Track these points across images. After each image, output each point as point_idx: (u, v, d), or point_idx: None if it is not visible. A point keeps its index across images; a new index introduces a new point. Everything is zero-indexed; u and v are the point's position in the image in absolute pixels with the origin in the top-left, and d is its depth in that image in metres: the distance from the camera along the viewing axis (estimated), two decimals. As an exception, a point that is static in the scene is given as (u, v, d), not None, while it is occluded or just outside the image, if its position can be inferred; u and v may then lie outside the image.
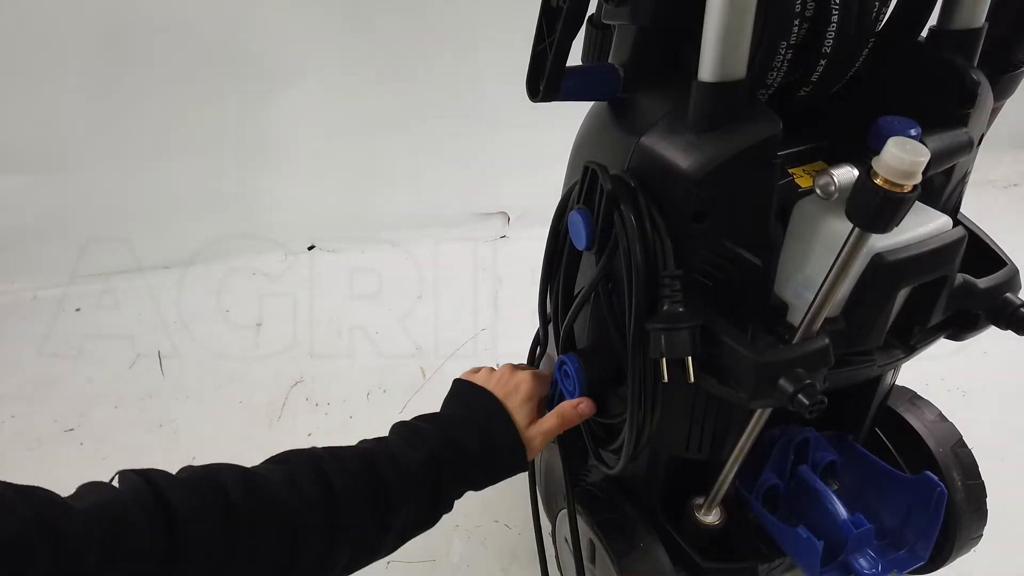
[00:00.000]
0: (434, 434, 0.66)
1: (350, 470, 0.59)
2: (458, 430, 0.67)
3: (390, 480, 0.60)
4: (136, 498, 0.48)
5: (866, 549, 0.69)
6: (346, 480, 0.58)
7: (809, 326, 0.53)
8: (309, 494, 0.56)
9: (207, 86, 1.55)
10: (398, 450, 0.63)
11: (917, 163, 0.41)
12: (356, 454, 0.62)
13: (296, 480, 0.57)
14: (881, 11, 0.54)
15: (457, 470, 0.64)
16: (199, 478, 0.54)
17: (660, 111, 0.54)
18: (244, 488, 0.54)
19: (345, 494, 0.58)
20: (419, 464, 0.62)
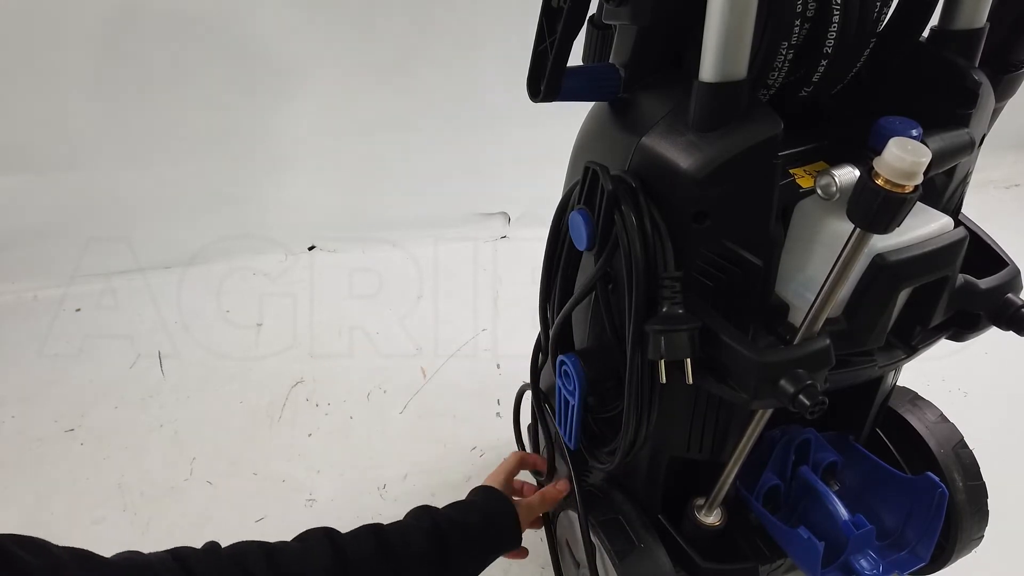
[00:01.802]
0: (439, 511, 0.74)
1: (360, 540, 0.66)
2: (460, 508, 0.76)
3: (397, 546, 0.67)
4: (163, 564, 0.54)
5: (867, 550, 0.69)
6: (357, 549, 0.65)
7: (810, 326, 0.53)
8: (323, 563, 0.62)
9: (208, 86, 1.55)
10: (407, 522, 0.72)
11: (918, 164, 0.41)
12: (366, 529, 0.68)
13: (311, 552, 0.63)
14: (882, 11, 0.54)
15: (461, 539, 0.71)
16: (224, 557, 0.59)
17: (661, 111, 0.54)
18: (266, 562, 0.59)
19: (356, 561, 0.64)
20: (424, 532, 0.69)
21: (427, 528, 0.69)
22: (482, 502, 0.77)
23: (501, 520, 0.76)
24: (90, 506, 1.15)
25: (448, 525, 0.71)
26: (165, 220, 1.68)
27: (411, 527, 0.70)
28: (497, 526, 0.75)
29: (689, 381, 0.54)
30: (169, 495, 1.16)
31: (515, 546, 0.78)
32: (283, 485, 1.17)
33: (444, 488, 1.15)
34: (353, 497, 1.16)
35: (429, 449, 1.22)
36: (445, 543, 0.69)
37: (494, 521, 0.75)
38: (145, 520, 1.12)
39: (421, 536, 0.69)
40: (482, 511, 0.75)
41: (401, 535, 0.68)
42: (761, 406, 0.60)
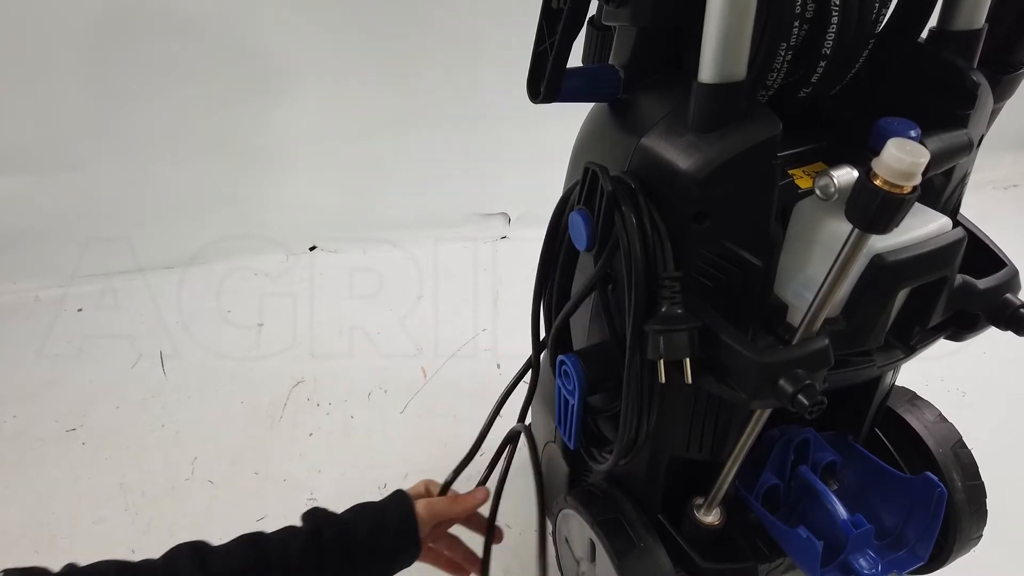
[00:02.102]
0: (331, 516, 0.70)
1: (233, 554, 0.62)
2: (356, 512, 0.72)
3: (275, 556, 0.63)
4: None
5: (866, 549, 0.69)
6: (227, 567, 0.61)
7: (809, 326, 0.53)
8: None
9: (209, 87, 1.55)
10: (291, 528, 0.67)
11: (917, 164, 0.41)
12: (244, 539, 0.64)
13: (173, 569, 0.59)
14: (881, 12, 0.54)
15: (343, 548, 0.67)
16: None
17: (660, 112, 0.55)
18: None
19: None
20: (303, 539, 0.65)
21: (307, 534, 0.66)
22: (381, 507, 0.73)
23: (396, 529, 0.71)
24: (91, 506, 1.15)
25: (333, 532, 0.67)
26: (166, 220, 1.68)
27: (291, 535, 0.66)
28: (390, 536, 0.70)
29: (688, 381, 0.54)
30: (170, 495, 1.16)
31: (410, 559, 0.72)
32: (284, 484, 1.17)
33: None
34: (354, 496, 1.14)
35: (429, 449, 1.22)
36: (320, 553, 0.65)
37: (386, 530, 0.70)
38: (146, 520, 1.12)
39: (299, 544, 0.65)
40: (377, 518, 0.71)
41: (281, 544, 0.65)
42: (760, 406, 0.60)
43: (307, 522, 0.69)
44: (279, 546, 0.64)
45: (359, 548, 0.68)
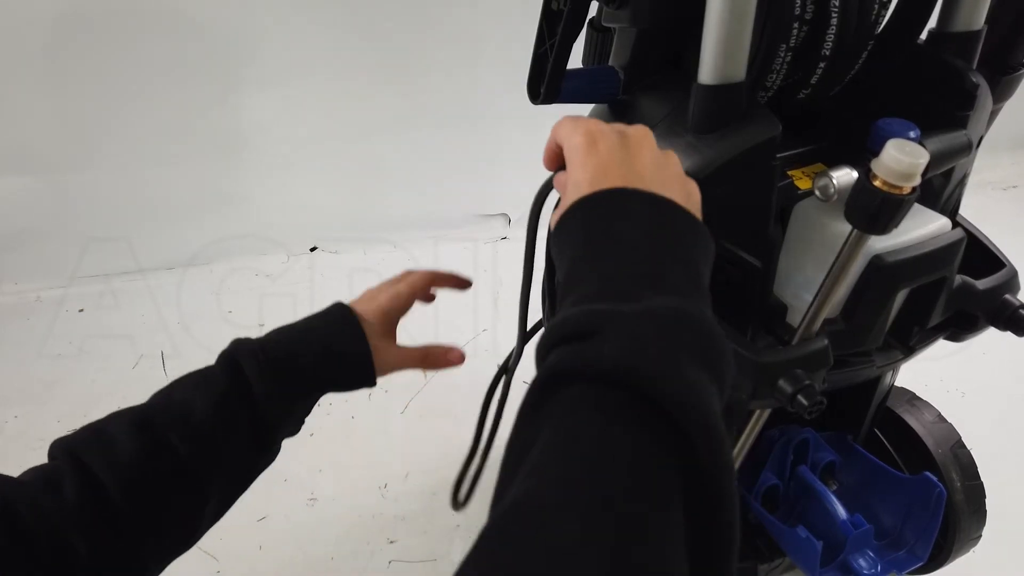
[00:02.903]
0: (251, 347, 0.54)
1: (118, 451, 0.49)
2: (284, 335, 0.57)
3: (174, 439, 0.50)
4: None
5: (865, 549, 0.70)
6: (113, 463, 0.48)
7: (808, 327, 0.53)
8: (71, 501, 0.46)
9: (209, 87, 1.55)
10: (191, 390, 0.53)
11: (916, 165, 0.41)
12: (130, 424, 0.51)
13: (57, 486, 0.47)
14: (880, 13, 0.55)
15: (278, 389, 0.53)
16: None
17: (660, 113, 0.55)
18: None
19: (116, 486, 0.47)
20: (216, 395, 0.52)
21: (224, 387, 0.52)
22: (322, 326, 0.58)
23: (346, 358, 0.57)
24: (92, 506, 1.15)
25: (256, 372, 0.52)
26: (166, 220, 1.68)
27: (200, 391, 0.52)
28: (337, 365, 0.57)
29: None
30: (171, 495, 1.16)
31: (365, 371, 0.59)
32: (285, 484, 1.17)
33: (445, 487, 1.15)
34: (354, 496, 1.16)
35: (430, 449, 1.23)
36: (252, 403, 0.52)
37: (334, 360, 0.57)
38: (147, 520, 1.13)
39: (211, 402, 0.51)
40: (319, 340, 0.56)
41: (183, 414, 0.51)
42: (760, 406, 0.60)
43: (220, 366, 0.53)
44: (181, 420, 0.50)
45: (299, 380, 0.55)
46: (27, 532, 0.44)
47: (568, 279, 0.38)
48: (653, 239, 0.37)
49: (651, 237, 0.37)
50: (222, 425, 0.51)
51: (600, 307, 0.34)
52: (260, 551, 1.09)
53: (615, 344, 0.31)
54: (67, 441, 0.50)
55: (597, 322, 0.33)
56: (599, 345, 0.31)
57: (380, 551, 1.08)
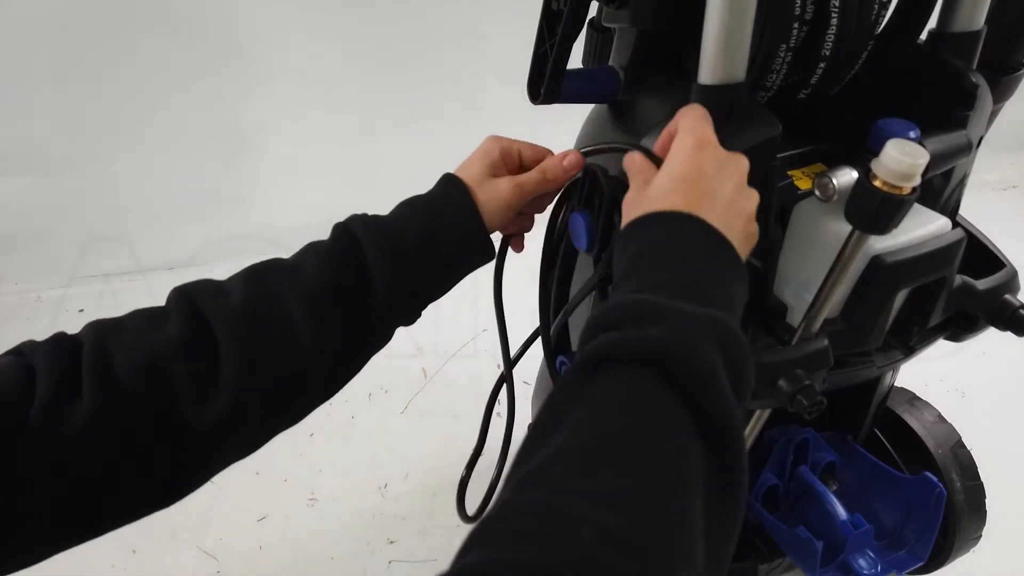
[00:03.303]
0: (365, 219, 0.55)
1: (229, 291, 0.49)
2: (399, 218, 0.56)
3: (282, 290, 0.49)
4: None
5: (865, 549, 0.70)
6: (222, 305, 0.48)
7: (808, 327, 0.53)
8: (174, 334, 0.46)
9: (209, 88, 1.56)
10: (306, 252, 0.53)
11: (916, 165, 0.41)
12: (244, 273, 0.51)
13: (164, 325, 0.47)
14: (880, 14, 0.55)
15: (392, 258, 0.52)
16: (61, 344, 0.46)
17: (660, 113, 0.55)
18: (97, 351, 0.45)
19: (222, 321, 0.47)
20: (330, 257, 0.52)
21: (336, 250, 0.52)
22: (442, 216, 0.56)
23: (463, 249, 0.57)
24: (92, 506, 1.15)
25: (368, 237, 0.52)
26: (166, 220, 1.69)
27: (311, 253, 0.53)
28: (455, 256, 0.57)
29: None
30: (171, 495, 1.16)
31: (483, 260, 0.60)
32: (285, 484, 1.17)
33: (445, 487, 1.15)
34: (354, 496, 1.16)
35: (430, 449, 1.23)
36: (364, 263, 0.51)
37: (453, 250, 0.56)
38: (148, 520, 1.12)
39: (325, 261, 0.51)
40: (424, 215, 0.55)
41: (294, 267, 0.51)
42: (759, 406, 0.60)
43: (337, 239, 0.53)
44: (290, 273, 0.50)
45: (413, 264, 0.53)
46: (119, 370, 0.44)
47: (630, 269, 0.43)
48: (706, 266, 0.43)
49: (704, 264, 0.43)
50: (334, 286, 0.50)
51: (660, 300, 0.38)
52: (260, 551, 1.09)
53: (668, 333, 0.36)
54: (183, 287, 0.50)
55: (658, 312, 0.37)
56: (653, 331, 0.36)
57: (380, 551, 1.08)
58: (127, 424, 0.43)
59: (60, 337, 0.46)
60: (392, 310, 0.55)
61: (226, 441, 0.47)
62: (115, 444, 0.43)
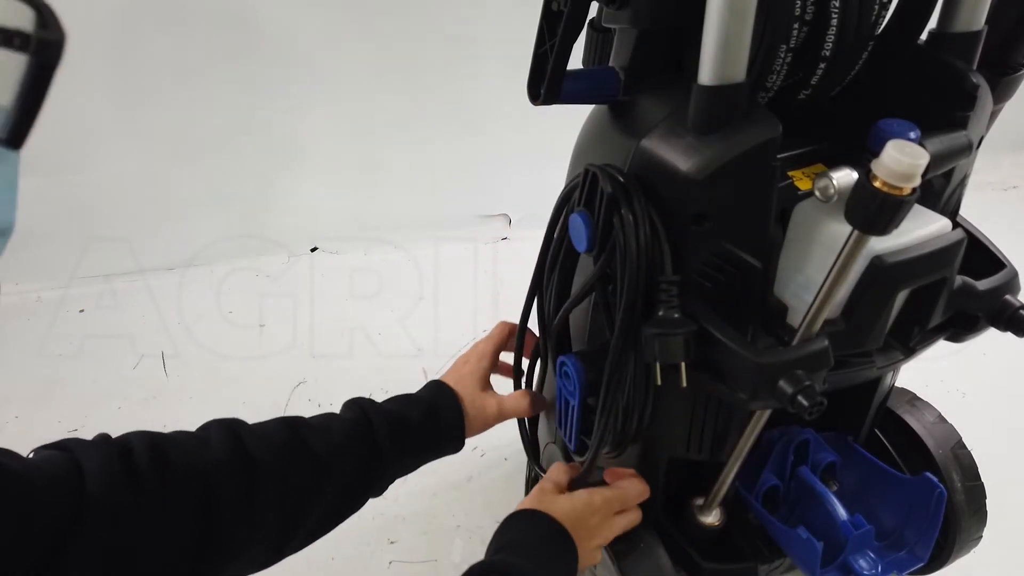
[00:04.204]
0: (374, 404, 0.68)
1: (268, 433, 0.59)
2: (399, 403, 0.70)
3: (312, 443, 0.60)
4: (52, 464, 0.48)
5: (866, 550, 0.70)
6: (262, 442, 0.57)
7: (809, 328, 0.53)
8: (218, 456, 0.54)
9: (209, 88, 1.56)
10: (327, 417, 0.65)
11: (916, 166, 0.41)
12: (280, 421, 0.62)
13: (206, 441, 0.56)
14: (881, 14, 0.55)
15: (393, 437, 0.65)
16: (110, 443, 0.52)
17: (660, 114, 0.55)
18: (151, 453, 0.51)
19: (261, 455, 0.56)
20: (348, 424, 0.64)
21: (353, 420, 0.65)
22: (426, 397, 0.72)
23: (442, 420, 0.71)
24: (92, 506, 1.15)
25: (379, 418, 0.65)
26: (166, 220, 1.69)
27: (336, 419, 0.65)
28: (436, 426, 0.70)
29: (683, 384, 0.54)
30: (171, 495, 1.17)
31: (455, 450, 0.73)
32: (285, 485, 1.17)
33: (445, 488, 1.15)
34: (354, 497, 1.16)
35: (430, 449, 1.23)
36: (372, 438, 0.64)
37: (434, 420, 0.70)
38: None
39: (344, 429, 0.63)
40: (421, 407, 0.69)
41: (322, 428, 0.63)
42: (760, 407, 0.60)
43: (350, 410, 0.67)
44: (320, 431, 0.61)
45: (410, 436, 0.67)
46: (178, 472, 0.51)
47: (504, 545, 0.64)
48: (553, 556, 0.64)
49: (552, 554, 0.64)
50: (349, 445, 0.62)
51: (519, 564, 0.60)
52: (260, 551, 1.09)
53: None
54: (221, 419, 0.60)
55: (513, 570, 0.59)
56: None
57: (380, 551, 1.08)
58: (170, 517, 0.50)
59: (106, 437, 0.53)
60: (388, 468, 0.67)
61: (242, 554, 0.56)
62: (158, 534, 0.50)
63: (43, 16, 0.26)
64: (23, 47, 0.26)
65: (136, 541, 0.48)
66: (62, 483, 0.46)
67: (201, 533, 0.52)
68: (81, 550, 0.45)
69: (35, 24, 0.26)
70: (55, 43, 0.27)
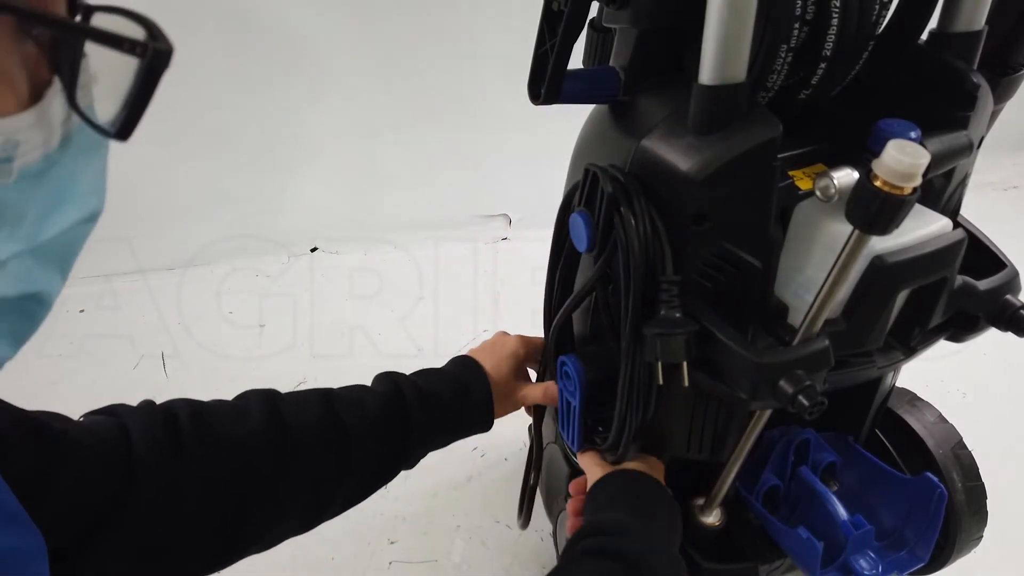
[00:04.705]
0: (405, 377, 0.68)
1: (304, 405, 0.60)
2: (430, 378, 0.70)
3: (346, 417, 0.61)
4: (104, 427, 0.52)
5: (866, 550, 0.70)
6: (299, 415, 0.59)
7: (809, 327, 0.53)
8: (257, 427, 0.56)
9: (209, 88, 1.55)
10: (361, 390, 0.65)
11: (917, 166, 0.41)
12: (316, 393, 0.63)
13: (245, 412, 0.57)
14: (881, 14, 0.55)
15: (426, 412, 0.66)
16: (155, 410, 0.55)
17: (661, 114, 0.55)
18: (193, 420, 0.54)
19: (298, 427, 0.58)
20: (382, 399, 0.64)
21: (386, 395, 0.64)
22: (456, 373, 0.72)
23: (473, 398, 0.70)
24: (92, 506, 1.15)
25: (412, 393, 0.65)
26: (166, 221, 1.69)
27: (369, 393, 0.65)
28: (468, 403, 0.70)
29: (685, 384, 0.54)
30: (171, 495, 1.16)
31: (484, 429, 0.73)
32: (285, 485, 1.17)
33: (445, 488, 1.15)
34: (354, 497, 1.16)
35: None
36: (406, 412, 0.64)
37: (466, 397, 0.70)
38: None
39: (378, 403, 0.63)
40: (453, 384, 0.70)
41: (357, 401, 0.63)
42: (760, 407, 0.60)
43: (382, 383, 0.67)
44: (355, 405, 0.62)
45: (442, 412, 0.67)
46: (220, 441, 0.54)
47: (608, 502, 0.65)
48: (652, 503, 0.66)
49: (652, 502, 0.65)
50: (384, 419, 0.63)
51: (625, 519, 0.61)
52: (260, 552, 1.09)
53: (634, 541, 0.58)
54: (259, 390, 0.61)
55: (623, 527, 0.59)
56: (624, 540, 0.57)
57: (380, 551, 1.08)
58: (212, 484, 0.53)
59: (151, 403, 0.56)
60: (414, 451, 0.67)
61: (277, 524, 0.59)
62: (197, 498, 0.52)
63: (152, 30, 0.32)
64: (143, 54, 0.31)
65: (179, 506, 0.50)
66: (110, 446, 0.50)
67: (240, 498, 0.54)
68: (132, 510, 0.48)
69: (146, 35, 0.32)
70: (166, 53, 0.33)
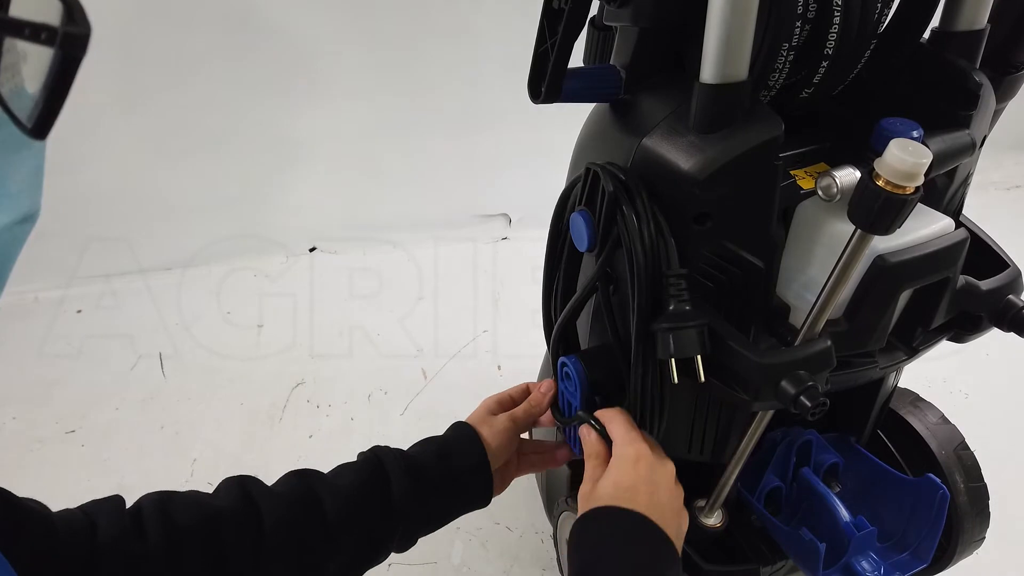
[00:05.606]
0: (391, 452, 0.66)
1: (278, 486, 0.61)
2: (415, 448, 0.67)
3: (324, 494, 0.60)
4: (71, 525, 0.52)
5: (868, 551, 0.69)
6: (270, 493, 0.59)
7: (811, 328, 0.53)
8: (225, 504, 0.56)
9: (208, 88, 1.55)
10: (342, 468, 0.64)
11: (919, 165, 0.41)
12: (293, 474, 0.63)
13: (215, 493, 0.58)
14: (883, 12, 0.54)
15: (411, 485, 0.62)
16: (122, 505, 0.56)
17: (662, 112, 0.54)
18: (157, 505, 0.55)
19: (268, 505, 0.57)
20: (361, 478, 0.62)
21: (364, 465, 0.63)
22: (450, 444, 0.67)
23: (468, 472, 0.66)
24: (91, 507, 1.15)
25: (397, 472, 0.62)
26: (166, 221, 1.68)
27: (349, 473, 0.63)
28: (463, 479, 0.66)
29: (701, 379, 0.53)
30: (170, 496, 1.16)
31: (482, 505, 0.68)
32: (284, 486, 1.17)
33: (445, 489, 1.15)
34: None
35: (430, 450, 1.22)
36: (388, 494, 0.61)
37: (460, 472, 0.65)
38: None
39: (354, 476, 0.61)
40: (446, 457, 0.65)
41: (333, 476, 0.62)
42: (762, 407, 0.60)
43: (368, 462, 0.64)
44: (330, 479, 0.61)
45: (427, 479, 0.63)
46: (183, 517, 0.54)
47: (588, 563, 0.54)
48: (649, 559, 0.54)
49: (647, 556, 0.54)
50: (362, 495, 0.61)
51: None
52: (259, 553, 1.08)
53: None
54: (234, 475, 0.61)
55: None
56: None
57: (380, 553, 1.08)
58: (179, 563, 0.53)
59: (119, 499, 0.56)
60: (404, 519, 0.63)
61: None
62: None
63: (70, 9, 0.27)
64: (49, 41, 0.26)
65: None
66: (78, 533, 0.50)
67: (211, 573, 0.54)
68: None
69: (62, 17, 0.27)
70: (81, 37, 0.27)
